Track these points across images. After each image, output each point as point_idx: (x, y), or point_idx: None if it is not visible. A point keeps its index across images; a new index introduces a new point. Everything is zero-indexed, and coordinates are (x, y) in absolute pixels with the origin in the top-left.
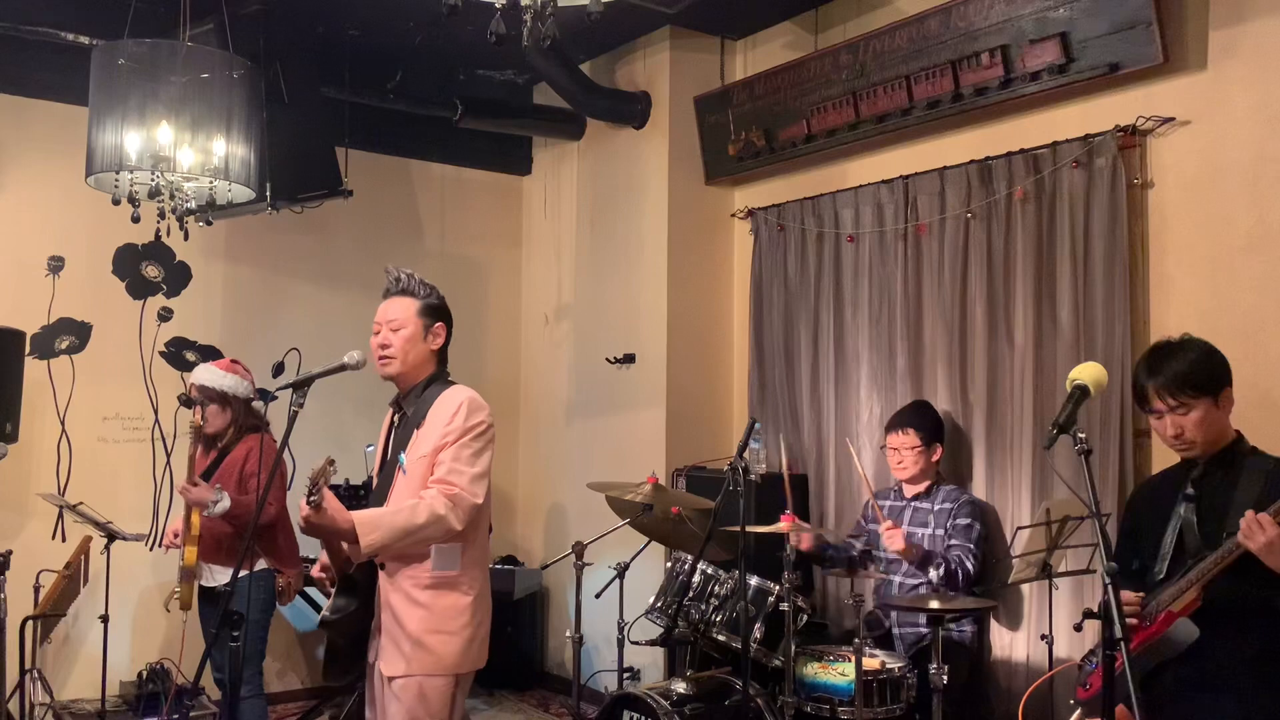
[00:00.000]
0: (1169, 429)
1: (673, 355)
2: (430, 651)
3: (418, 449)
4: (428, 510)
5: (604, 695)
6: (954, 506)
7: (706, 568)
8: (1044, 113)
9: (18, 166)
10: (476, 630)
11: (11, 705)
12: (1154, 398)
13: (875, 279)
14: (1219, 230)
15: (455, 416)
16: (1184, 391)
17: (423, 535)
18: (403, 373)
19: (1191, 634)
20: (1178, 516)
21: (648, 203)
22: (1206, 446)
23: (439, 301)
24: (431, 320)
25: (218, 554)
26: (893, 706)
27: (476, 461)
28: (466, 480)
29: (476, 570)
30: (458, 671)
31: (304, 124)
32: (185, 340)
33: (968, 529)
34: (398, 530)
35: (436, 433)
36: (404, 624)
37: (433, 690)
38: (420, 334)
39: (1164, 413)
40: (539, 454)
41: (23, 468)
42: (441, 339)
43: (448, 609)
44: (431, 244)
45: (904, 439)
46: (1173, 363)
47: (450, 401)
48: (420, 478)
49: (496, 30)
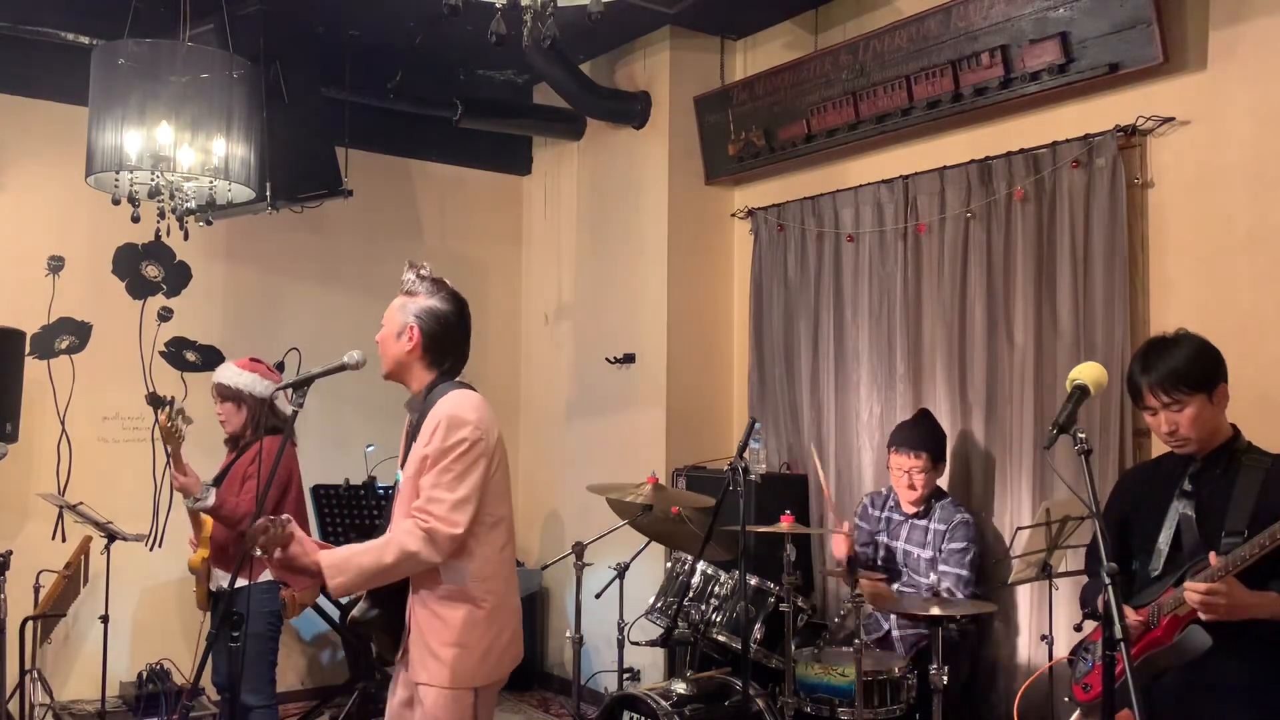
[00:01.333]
0: (1163, 425)
1: (673, 355)
2: (442, 662)
3: (409, 467)
4: (397, 549)
5: (604, 696)
6: (947, 529)
7: (706, 568)
8: (1044, 113)
9: (18, 166)
10: (494, 642)
11: (11, 705)
12: (1148, 395)
13: (875, 279)
14: (1219, 230)
15: (433, 437)
16: (1178, 389)
17: (397, 573)
18: (389, 373)
19: (1204, 642)
20: (1175, 513)
21: (648, 203)
22: (1202, 443)
23: (428, 303)
24: (406, 320)
25: (224, 560)
26: (893, 707)
27: (458, 486)
28: (445, 509)
29: (493, 583)
30: (473, 685)
31: (304, 124)
32: (185, 340)
33: (962, 553)
34: (366, 572)
35: (418, 452)
36: (425, 633)
37: (447, 703)
38: (393, 334)
39: (1158, 409)
40: (539, 454)
41: (23, 468)
42: (413, 341)
43: (462, 622)
44: (431, 244)
45: (915, 462)
46: (1166, 359)
47: (433, 417)
48: (406, 501)
49: (496, 30)
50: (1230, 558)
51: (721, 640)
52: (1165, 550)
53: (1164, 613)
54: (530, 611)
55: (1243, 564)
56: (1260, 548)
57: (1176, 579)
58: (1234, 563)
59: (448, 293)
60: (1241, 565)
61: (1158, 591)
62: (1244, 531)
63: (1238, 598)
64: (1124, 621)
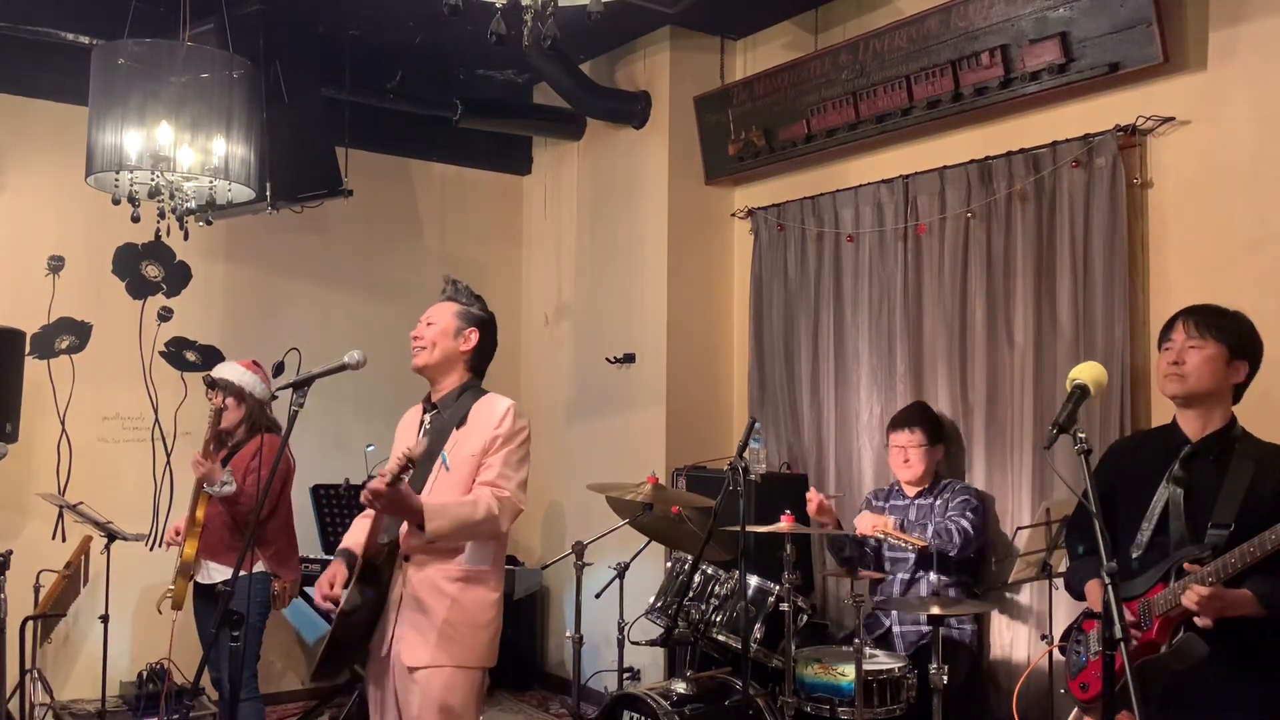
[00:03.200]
0: (1171, 356)
1: (673, 355)
2: (460, 642)
3: (463, 448)
4: (485, 507)
5: (604, 695)
6: (951, 499)
7: (706, 568)
8: (1044, 112)
9: (18, 166)
10: (499, 625)
11: (11, 705)
12: (1179, 326)
13: (875, 279)
14: (1219, 230)
15: (503, 421)
16: (1208, 330)
17: (477, 531)
18: (430, 364)
19: (1201, 650)
20: (1163, 496)
21: (648, 202)
22: (1193, 391)
23: (481, 313)
24: (466, 324)
25: (216, 550)
26: (893, 707)
27: (521, 468)
28: (514, 485)
29: (501, 569)
30: (485, 665)
31: (304, 124)
32: (185, 340)
33: (963, 504)
34: (459, 522)
35: (483, 433)
36: (431, 614)
37: (464, 681)
38: (452, 331)
39: (1177, 344)
40: (539, 453)
41: (23, 468)
42: (472, 344)
43: (475, 602)
44: (431, 244)
45: (911, 437)
46: (1211, 311)
47: (496, 405)
48: (468, 476)
49: (496, 30)
50: (1220, 564)
51: (721, 640)
52: (1149, 533)
53: (1155, 613)
54: (530, 611)
55: (1233, 571)
56: (1250, 556)
57: (1162, 574)
58: (1225, 569)
59: (488, 309)
60: (1233, 573)
61: (1143, 584)
62: (1230, 525)
63: (1223, 597)
64: (1124, 622)
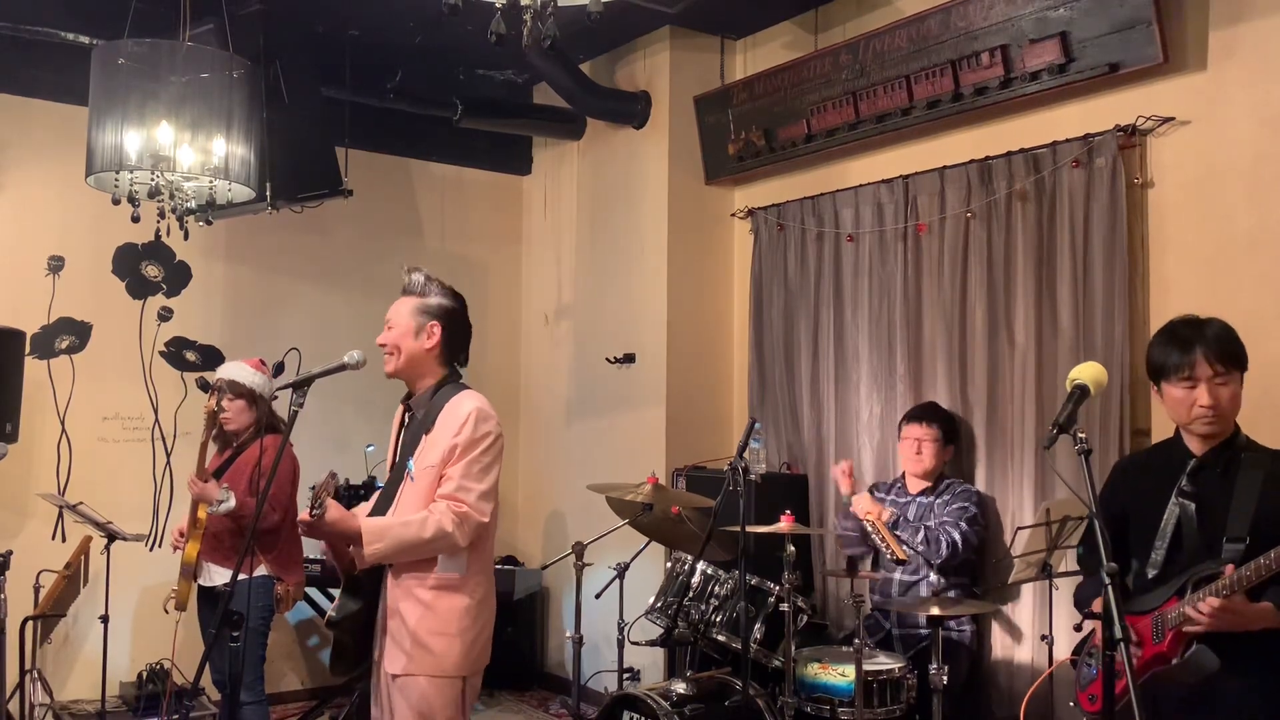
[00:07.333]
0: (1204, 398)
1: (673, 355)
2: (431, 652)
3: (426, 457)
4: (435, 526)
5: (604, 695)
6: (951, 499)
7: (706, 568)
8: (1044, 112)
9: (18, 166)
10: (479, 634)
11: (11, 706)
12: (1201, 363)
13: (875, 279)
14: (1219, 230)
15: (463, 427)
16: (1231, 361)
17: (427, 550)
18: (399, 370)
19: (1213, 664)
20: (1174, 512)
21: (647, 203)
22: (1223, 428)
23: (442, 301)
24: (426, 319)
25: (217, 552)
26: (893, 707)
27: (485, 477)
28: (474, 498)
29: (481, 576)
30: (462, 674)
31: (304, 124)
32: (185, 340)
33: (961, 509)
34: (403, 543)
35: (444, 442)
36: (406, 622)
37: (438, 691)
38: (412, 331)
39: (1201, 381)
40: (539, 454)
41: (23, 468)
42: (436, 339)
43: (449, 610)
44: (431, 244)
45: (927, 431)
46: (1208, 330)
47: (458, 409)
48: (428, 488)
49: (496, 30)
50: (1236, 578)
51: (721, 640)
52: (1164, 550)
53: (1168, 626)
54: (530, 612)
55: (1248, 584)
56: (1266, 570)
57: (1178, 589)
58: (1240, 582)
59: (453, 293)
60: (1247, 585)
61: (1157, 599)
62: (1245, 538)
63: (1242, 611)
64: (1124, 621)
